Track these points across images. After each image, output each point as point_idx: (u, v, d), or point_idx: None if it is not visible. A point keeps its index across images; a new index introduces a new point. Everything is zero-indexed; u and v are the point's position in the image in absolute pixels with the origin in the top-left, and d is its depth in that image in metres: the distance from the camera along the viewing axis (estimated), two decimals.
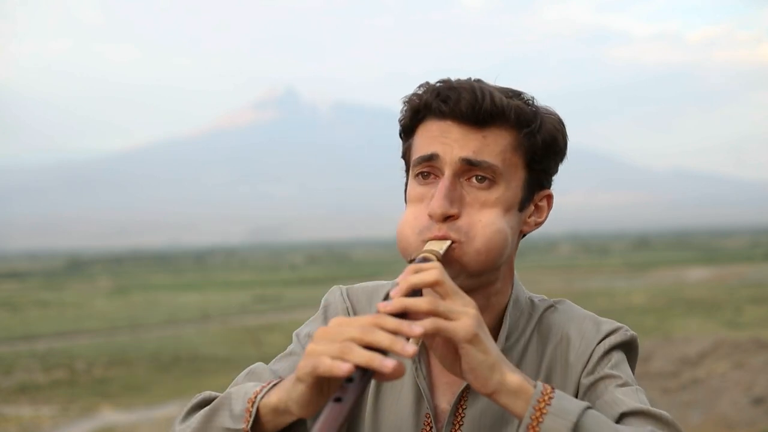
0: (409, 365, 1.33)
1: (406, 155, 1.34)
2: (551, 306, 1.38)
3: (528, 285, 1.42)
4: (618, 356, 1.30)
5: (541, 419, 1.10)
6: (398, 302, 1.08)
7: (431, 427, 1.31)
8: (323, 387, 1.09)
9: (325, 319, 1.40)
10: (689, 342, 13.99)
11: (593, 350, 1.31)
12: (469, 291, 1.23)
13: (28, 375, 16.10)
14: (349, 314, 1.40)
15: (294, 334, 1.42)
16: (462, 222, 1.24)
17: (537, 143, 1.29)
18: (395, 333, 1.04)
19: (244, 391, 1.21)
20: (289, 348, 1.39)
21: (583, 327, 1.33)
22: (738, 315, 21.37)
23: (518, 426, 1.11)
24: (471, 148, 1.24)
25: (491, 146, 1.25)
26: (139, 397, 13.66)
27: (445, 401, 1.32)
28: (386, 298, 1.34)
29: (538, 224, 1.35)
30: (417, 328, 1.05)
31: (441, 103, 1.25)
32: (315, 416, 1.10)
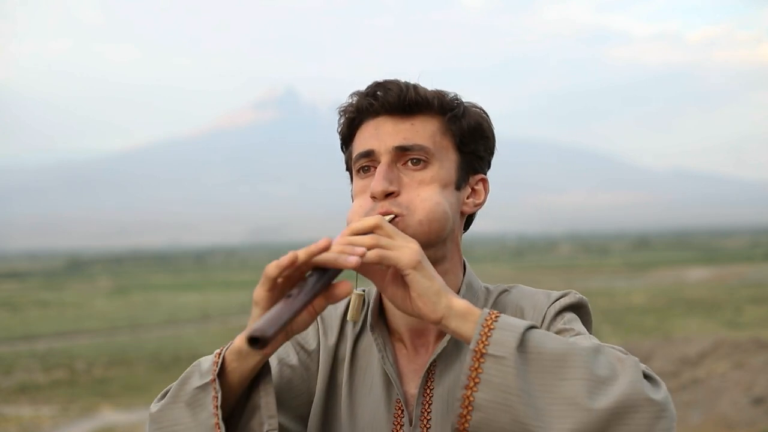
0: (375, 353, 1.42)
1: (348, 165, 1.44)
2: (505, 290, 1.44)
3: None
4: (569, 315, 1.36)
5: (489, 334, 1.15)
6: (343, 239, 1.20)
7: (402, 411, 1.37)
8: None
9: None
10: (689, 342, 13.98)
11: (545, 314, 1.37)
12: None
13: (28, 375, 16.11)
14: (317, 318, 1.50)
15: None
16: (402, 198, 1.33)
17: (463, 127, 1.38)
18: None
19: (212, 354, 1.30)
20: None
21: (535, 299, 1.40)
22: (738, 315, 21.38)
23: (469, 345, 1.17)
24: (402, 136, 1.35)
25: (420, 132, 1.36)
26: (139, 397, 13.65)
27: (413, 386, 1.38)
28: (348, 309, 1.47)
29: (477, 206, 1.43)
30: (359, 248, 1.18)
31: (372, 100, 1.37)
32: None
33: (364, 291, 1.41)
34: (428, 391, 1.37)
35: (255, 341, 1.07)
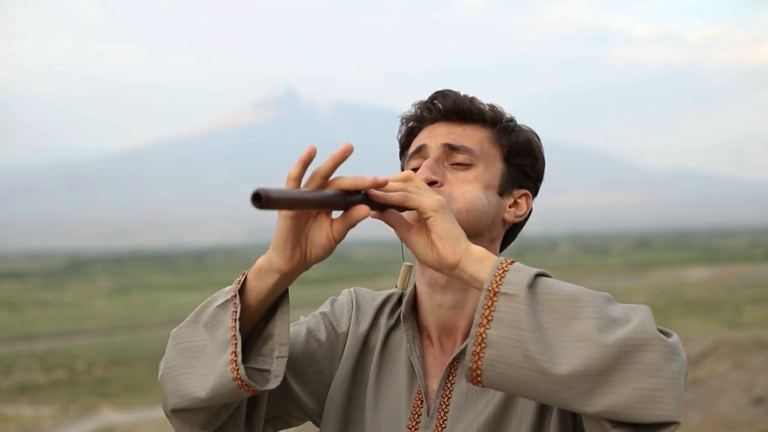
0: (404, 348, 1.46)
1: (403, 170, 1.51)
2: None
3: None
4: None
5: (503, 275, 1.18)
6: (375, 180, 1.23)
7: (422, 402, 1.41)
8: (300, 230, 1.25)
9: (332, 307, 1.55)
10: (689, 342, 13.98)
11: None
12: None
13: (28, 375, 16.11)
14: (352, 305, 1.54)
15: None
16: (444, 188, 1.39)
17: (512, 140, 1.46)
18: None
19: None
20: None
21: None
22: (738, 315, 21.38)
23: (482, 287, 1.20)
24: (452, 136, 1.43)
25: (470, 136, 1.44)
26: (139, 397, 13.66)
27: (435, 382, 1.42)
28: (385, 302, 1.55)
29: (519, 217, 1.47)
30: (382, 178, 1.23)
31: (431, 105, 1.46)
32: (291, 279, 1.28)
33: (411, 265, 1.45)
34: (449, 386, 1.40)
35: (257, 198, 1.07)
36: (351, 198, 1.22)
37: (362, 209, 1.22)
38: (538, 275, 1.21)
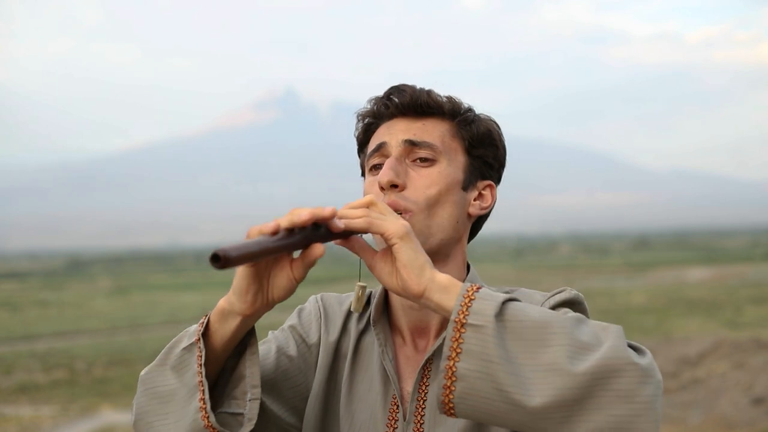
0: (376, 351, 1.44)
1: (363, 170, 1.49)
2: (506, 292, 1.42)
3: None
4: (564, 311, 1.33)
5: (469, 305, 1.16)
6: (337, 211, 1.21)
7: (397, 407, 1.39)
8: (261, 274, 1.22)
9: (300, 318, 1.52)
10: (689, 342, 14.01)
11: None
12: None
13: (28, 375, 16.10)
14: (320, 312, 1.51)
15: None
16: (408, 192, 1.36)
17: (472, 131, 1.43)
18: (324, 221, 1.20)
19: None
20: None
21: (533, 299, 1.39)
22: (738, 315, 21.36)
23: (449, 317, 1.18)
24: (412, 132, 1.40)
25: (430, 131, 1.41)
26: None
27: (410, 383, 1.40)
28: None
29: (484, 209, 1.45)
30: (341, 210, 1.22)
31: (388, 102, 1.43)
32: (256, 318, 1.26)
33: (365, 285, 1.41)
34: (423, 388, 1.38)
35: (216, 259, 1.04)
36: (312, 234, 1.19)
37: (318, 248, 1.20)
38: (506, 301, 1.18)
